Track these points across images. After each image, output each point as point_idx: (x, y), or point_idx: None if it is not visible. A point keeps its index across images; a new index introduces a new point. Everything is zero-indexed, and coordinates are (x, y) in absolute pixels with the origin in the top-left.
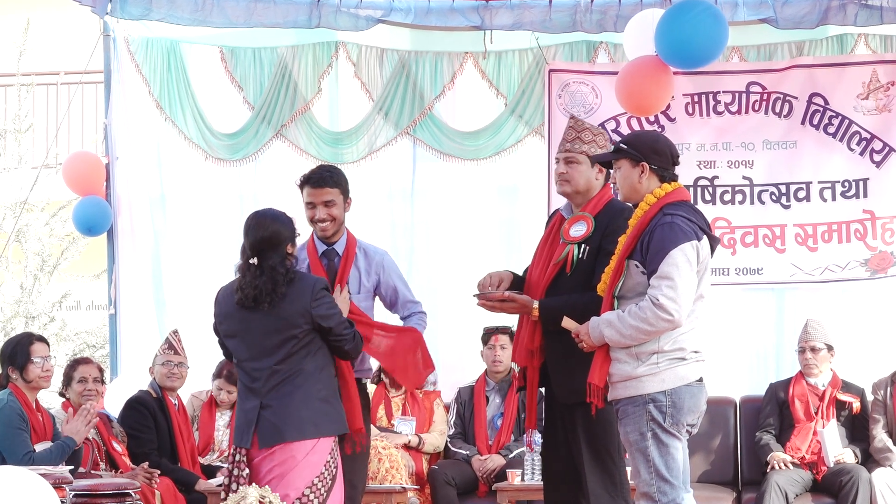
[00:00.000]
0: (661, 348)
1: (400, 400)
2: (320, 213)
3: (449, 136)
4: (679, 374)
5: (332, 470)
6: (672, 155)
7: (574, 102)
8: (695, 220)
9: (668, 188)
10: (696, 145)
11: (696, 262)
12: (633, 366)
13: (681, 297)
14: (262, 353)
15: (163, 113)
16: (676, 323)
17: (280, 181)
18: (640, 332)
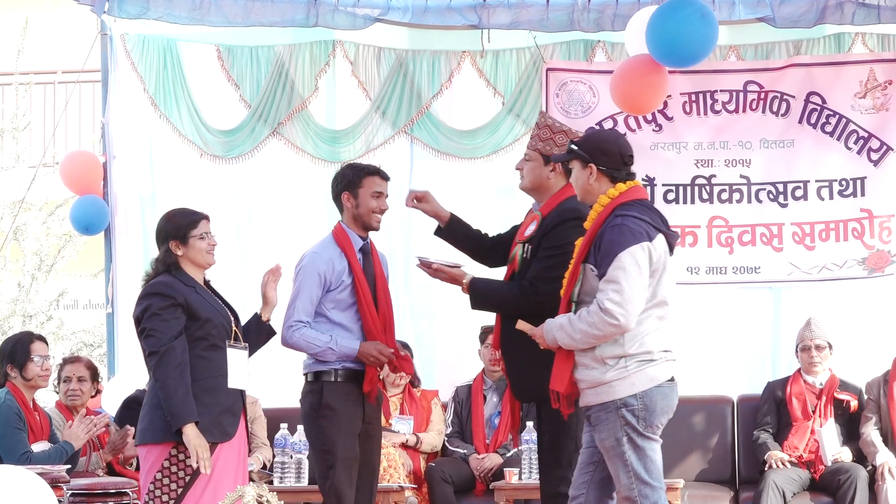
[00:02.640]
0: (627, 352)
1: (397, 399)
2: (384, 204)
3: (446, 134)
4: (649, 375)
5: (172, 478)
6: (622, 155)
7: (571, 101)
8: (647, 220)
9: (622, 188)
10: (693, 144)
11: (647, 263)
12: (601, 371)
13: (627, 301)
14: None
15: (157, 110)
16: (623, 327)
17: (276, 179)
18: (588, 337)
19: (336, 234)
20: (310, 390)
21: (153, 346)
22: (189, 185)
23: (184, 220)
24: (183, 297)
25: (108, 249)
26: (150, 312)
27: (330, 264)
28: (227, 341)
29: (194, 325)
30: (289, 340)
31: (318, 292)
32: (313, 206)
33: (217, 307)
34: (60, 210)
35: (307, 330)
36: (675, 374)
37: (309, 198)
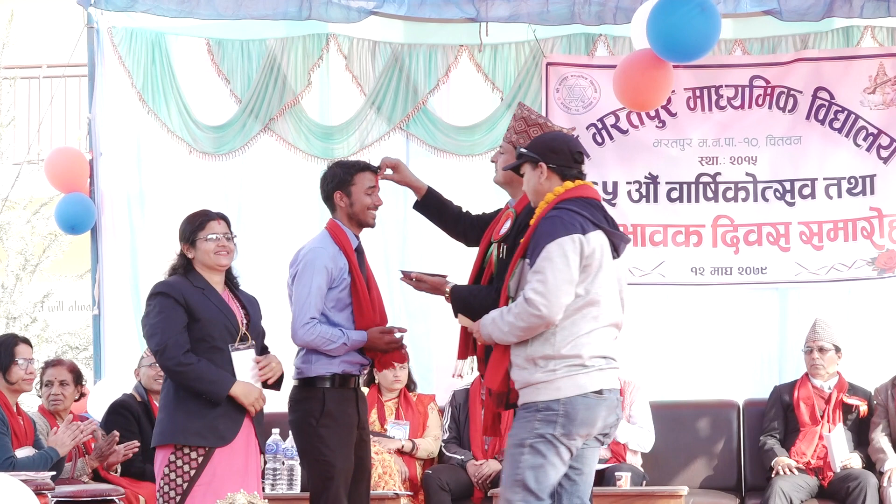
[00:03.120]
0: (558, 352)
1: (393, 404)
2: (379, 199)
3: (443, 131)
4: (578, 382)
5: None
6: (572, 153)
7: (572, 97)
8: (585, 215)
9: (568, 185)
10: (697, 141)
11: (576, 255)
12: (530, 371)
13: (551, 291)
14: None
15: (145, 105)
16: (546, 318)
17: (267, 176)
18: (515, 329)
19: (332, 230)
20: (306, 396)
21: (158, 344)
22: (178, 182)
23: (193, 223)
24: (183, 296)
25: (95, 249)
26: (152, 313)
27: (334, 260)
28: (231, 344)
29: (194, 325)
30: (305, 338)
31: (325, 288)
32: (306, 205)
33: (223, 308)
34: (45, 209)
35: (322, 326)
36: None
37: (302, 196)
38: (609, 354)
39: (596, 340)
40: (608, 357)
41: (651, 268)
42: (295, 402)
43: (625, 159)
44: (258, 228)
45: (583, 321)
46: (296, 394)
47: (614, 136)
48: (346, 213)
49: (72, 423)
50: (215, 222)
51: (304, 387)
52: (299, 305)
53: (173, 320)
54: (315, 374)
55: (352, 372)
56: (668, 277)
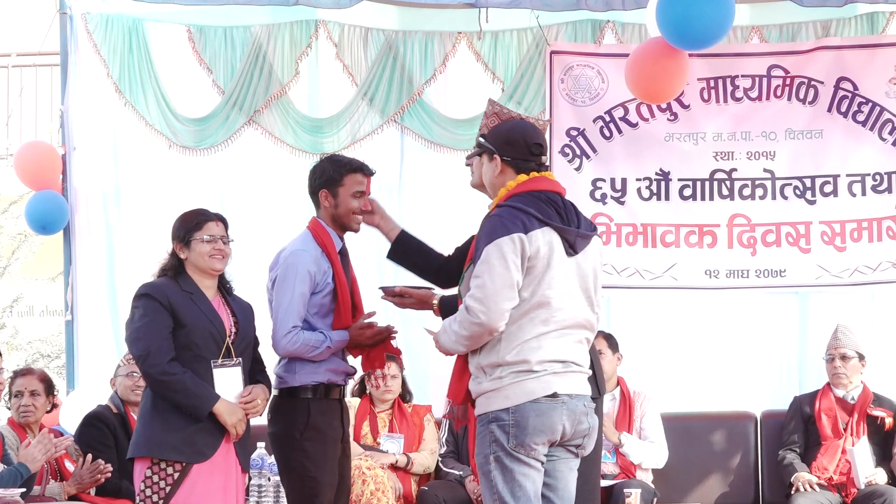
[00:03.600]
0: (504, 359)
1: (386, 415)
2: (366, 205)
3: (440, 124)
4: (526, 389)
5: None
6: (528, 144)
7: (578, 87)
8: (530, 211)
9: (521, 179)
10: (712, 135)
11: (516, 256)
12: (480, 381)
13: (489, 297)
14: None
15: (122, 97)
16: (487, 326)
17: (252, 172)
18: (460, 338)
19: (315, 230)
20: (289, 407)
21: (142, 349)
22: (156, 179)
23: (189, 221)
24: (168, 300)
25: (68, 250)
26: (136, 315)
27: (317, 263)
28: (215, 360)
29: (179, 331)
30: (289, 348)
31: (308, 293)
32: (294, 203)
33: (210, 316)
34: (15, 207)
35: (305, 333)
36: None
37: (289, 193)
38: (568, 358)
39: (547, 345)
40: (566, 361)
41: (662, 270)
42: (277, 414)
43: (634, 154)
44: (242, 229)
45: (530, 325)
46: (278, 404)
47: (623, 129)
48: (329, 214)
49: (44, 437)
50: (213, 223)
51: (287, 397)
52: (281, 313)
53: (158, 325)
54: (299, 383)
55: (336, 381)
56: (680, 280)
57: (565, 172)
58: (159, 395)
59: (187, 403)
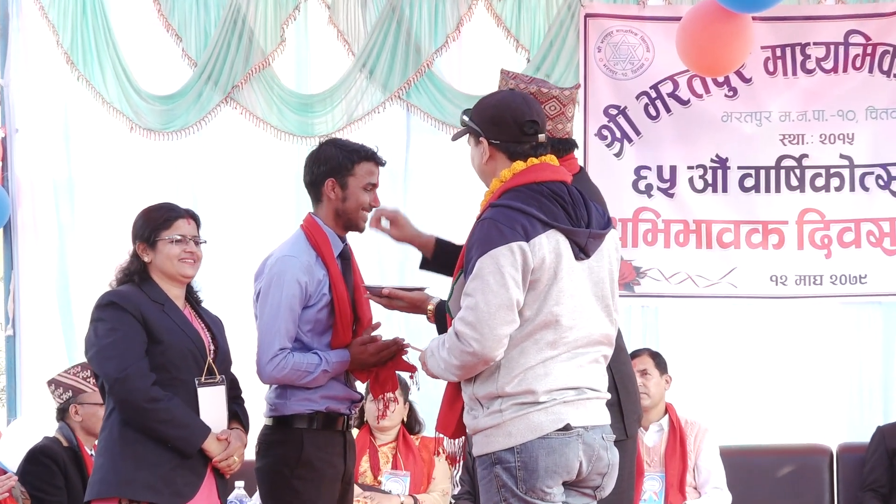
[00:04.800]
0: (503, 390)
1: (389, 449)
2: (377, 199)
3: (453, 100)
4: (531, 423)
5: None
6: (518, 123)
7: (618, 57)
8: (531, 211)
9: (518, 167)
10: (778, 114)
11: (515, 269)
12: (476, 414)
13: (483, 321)
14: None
15: (74, 69)
16: (480, 355)
17: (229, 160)
18: (450, 367)
19: (309, 231)
20: (280, 440)
21: (118, 370)
22: (116, 167)
23: (156, 219)
24: (139, 310)
25: (9, 252)
26: (103, 329)
27: (309, 271)
28: (198, 378)
29: (153, 349)
30: (276, 376)
31: (299, 308)
32: (280, 196)
33: (188, 331)
34: None
35: (296, 356)
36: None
37: (274, 185)
38: (581, 383)
39: (555, 371)
40: (580, 387)
41: (719, 276)
42: (266, 446)
43: (686, 138)
44: (219, 228)
45: (534, 349)
46: (267, 436)
47: (672, 107)
48: (333, 209)
49: None
50: (184, 221)
51: (278, 427)
52: (265, 333)
53: (133, 340)
54: (292, 411)
55: (338, 410)
56: (740, 288)
57: (603, 159)
58: (134, 425)
59: (173, 435)
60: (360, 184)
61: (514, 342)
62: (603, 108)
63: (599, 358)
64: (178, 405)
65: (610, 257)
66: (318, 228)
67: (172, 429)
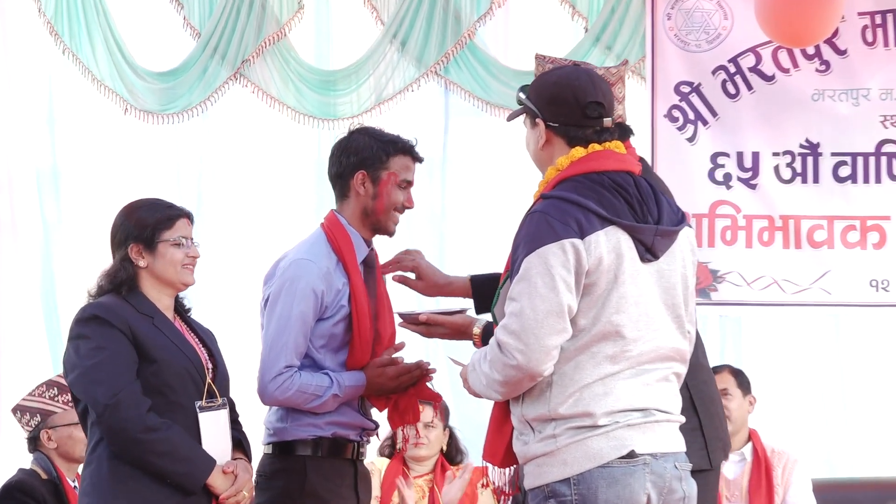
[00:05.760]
0: (556, 411)
1: (426, 482)
2: (412, 200)
3: (498, 76)
4: (590, 450)
5: None
6: (581, 104)
7: (691, 26)
8: (588, 205)
9: (576, 154)
10: (878, 92)
11: (566, 271)
12: (526, 439)
13: (529, 330)
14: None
15: (59, 41)
16: (526, 370)
17: (239, 145)
18: (493, 383)
19: (331, 231)
20: (281, 469)
21: (107, 394)
22: (109, 155)
23: (153, 217)
24: (127, 325)
25: None
26: (87, 348)
27: (327, 278)
28: (198, 402)
29: (146, 369)
30: (278, 397)
31: (313, 321)
32: (296, 189)
33: (184, 347)
34: None
35: (303, 376)
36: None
37: (290, 176)
38: (649, 404)
39: (618, 389)
40: (647, 409)
41: (810, 280)
42: (266, 477)
43: (770, 119)
44: (227, 225)
45: (591, 364)
46: (268, 465)
47: (754, 84)
48: (361, 207)
49: None
50: (184, 221)
51: (279, 456)
52: (271, 347)
53: (122, 360)
54: (293, 436)
55: (347, 437)
56: (835, 295)
57: (673, 145)
58: (127, 459)
59: (174, 471)
60: (395, 179)
61: (568, 355)
62: (673, 86)
63: (670, 376)
64: (179, 434)
65: (684, 259)
66: (342, 229)
67: (173, 463)
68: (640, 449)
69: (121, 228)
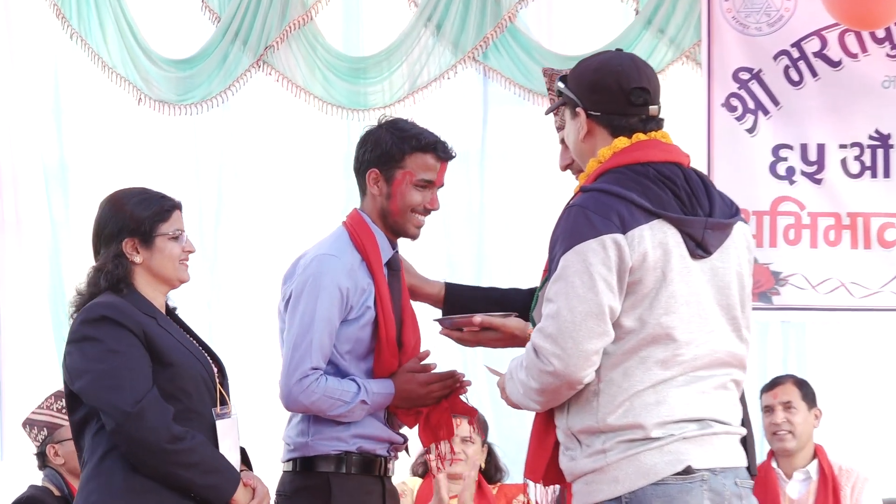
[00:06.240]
0: (605, 422)
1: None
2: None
3: (542, 62)
4: (642, 465)
5: None
6: (624, 90)
7: (751, 7)
8: (632, 198)
9: (620, 144)
10: None
11: (608, 269)
12: (573, 454)
13: (566, 333)
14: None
15: (66, 26)
16: (564, 377)
17: (262, 138)
18: (531, 392)
19: (354, 229)
20: (302, 487)
21: (129, 402)
22: (121, 148)
23: (147, 209)
24: (139, 326)
25: None
26: (97, 351)
27: (352, 276)
28: (214, 409)
29: (160, 374)
30: (302, 401)
31: (338, 321)
32: (324, 184)
33: (193, 350)
34: None
35: (329, 381)
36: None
37: (317, 170)
38: (705, 414)
39: (671, 398)
40: (703, 419)
41: (880, 283)
42: (287, 496)
43: (837, 109)
44: (247, 222)
45: (641, 370)
46: (289, 483)
47: (820, 71)
48: (379, 207)
49: None
50: (178, 213)
51: (300, 473)
52: (295, 348)
53: (139, 365)
54: (316, 451)
55: (374, 452)
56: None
57: (732, 135)
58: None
59: (203, 484)
60: (411, 179)
61: (615, 361)
62: (732, 73)
63: (728, 383)
64: (205, 444)
65: (739, 257)
66: (366, 227)
67: (202, 475)
68: (698, 464)
69: (111, 221)
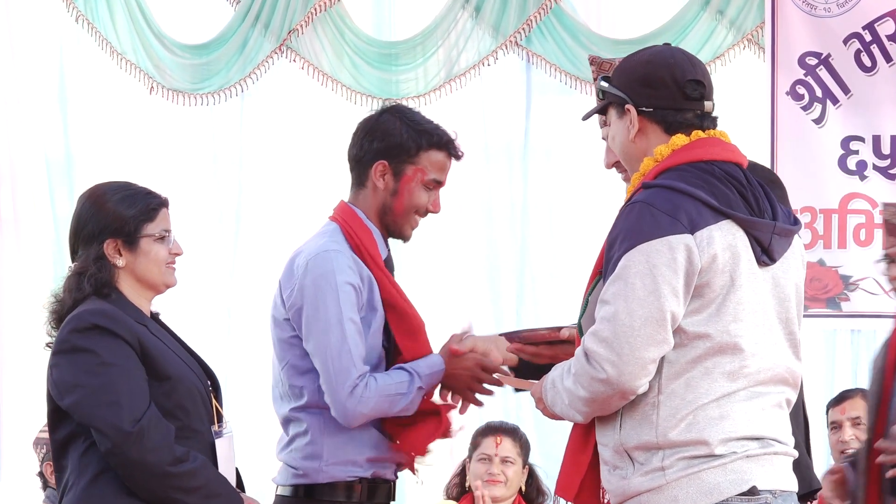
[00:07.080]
0: (666, 437)
1: None
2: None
3: (589, 47)
4: (705, 484)
5: None
6: (679, 83)
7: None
8: (699, 196)
9: (678, 142)
10: None
11: (678, 272)
12: (623, 473)
13: (623, 338)
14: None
15: (72, 9)
16: (618, 385)
17: (285, 129)
18: (576, 401)
19: (347, 224)
20: None
21: (127, 421)
22: (131, 141)
23: (132, 207)
24: (134, 335)
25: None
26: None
27: (356, 273)
28: (213, 427)
29: (156, 388)
30: (364, 411)
31: (359, 318)
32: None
33: (187, 360)
34: None
35: (378, 379)
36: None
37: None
38: (766, 432)
39: (735, 413)
40: (764, 437)
41: None
42: None
43: None
44: (268, 218)
45: (706, 381)
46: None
47: (894, 56)
48: (379, 203)
49: None
50: (166, 211)
51: (304, 499)
52: (334, 359)
53: (135, 379)
54: (332, 478)
55: (384, 476)
56: None
57: (799, 126)
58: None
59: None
60: (421, 178)
61: (678, 370)
62: (798, 58)
63: (783, 402)
64: (206, 466)
65: (798, 269)
66: (360, 222)
67: (203, 500)
68: (762, 485)
69: (91, 220)
